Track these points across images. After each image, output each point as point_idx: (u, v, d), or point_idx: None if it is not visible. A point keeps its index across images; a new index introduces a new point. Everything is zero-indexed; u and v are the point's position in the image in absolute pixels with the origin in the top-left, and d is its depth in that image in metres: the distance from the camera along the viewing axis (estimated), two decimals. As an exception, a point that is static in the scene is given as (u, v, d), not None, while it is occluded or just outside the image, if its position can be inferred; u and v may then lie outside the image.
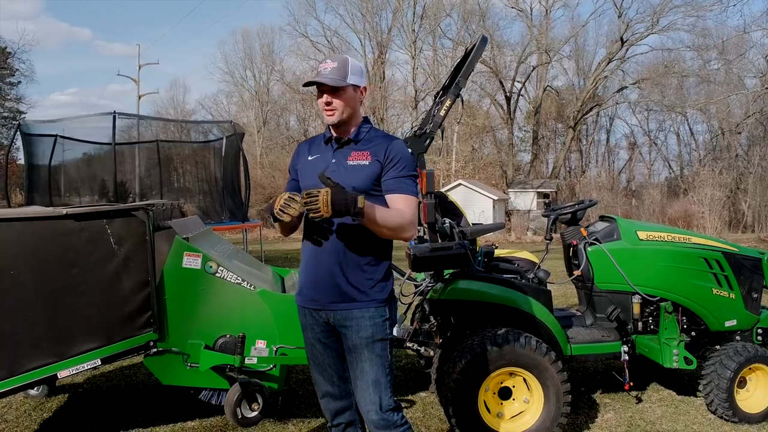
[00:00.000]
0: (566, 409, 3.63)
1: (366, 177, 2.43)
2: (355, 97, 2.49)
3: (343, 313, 2.45)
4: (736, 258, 4.32)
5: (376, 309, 2.46)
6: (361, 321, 2.44)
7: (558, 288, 7.41)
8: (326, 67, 2.45)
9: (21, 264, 3.42)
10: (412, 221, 2.41)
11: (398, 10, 38.33)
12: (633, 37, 35.33)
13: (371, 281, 2.46)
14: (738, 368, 3.99)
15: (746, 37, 33.21)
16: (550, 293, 4.11)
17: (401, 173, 2.44)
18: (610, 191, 33.76)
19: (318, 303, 2.50)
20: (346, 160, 2.47)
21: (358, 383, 2.48)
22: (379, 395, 2.45)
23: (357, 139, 2.51)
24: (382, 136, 2.54)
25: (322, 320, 2.52)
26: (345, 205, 2.17)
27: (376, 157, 2.45)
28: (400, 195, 2.42)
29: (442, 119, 4.32)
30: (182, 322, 3.70)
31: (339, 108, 2.45)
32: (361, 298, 2.44)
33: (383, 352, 2.47)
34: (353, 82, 2.45)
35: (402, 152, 2.47)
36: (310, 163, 2.57)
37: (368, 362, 2.45)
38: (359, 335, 2.44)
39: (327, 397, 2.63)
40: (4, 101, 35.68)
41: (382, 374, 2.46)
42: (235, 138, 12.94)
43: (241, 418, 3.77)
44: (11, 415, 4.25)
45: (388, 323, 2.49)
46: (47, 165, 11.72)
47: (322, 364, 2.59)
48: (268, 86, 46.00)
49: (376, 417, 2.45)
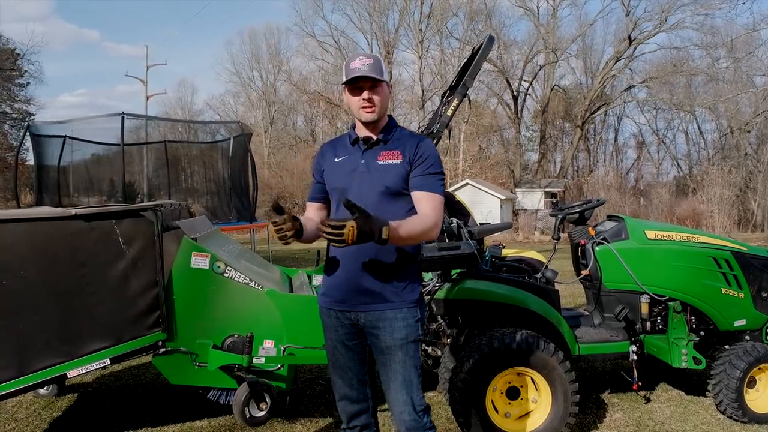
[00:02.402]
0: (574, 409, 3.62)
1: (397, 176, 2.43)
2: (388, 94, 2.52)
3: (375, 314, 2.44)
4: (745, 257, 4.29)
5: (409, 310, 2.45)
6: (395, 322, 2.43)
7: (566, 288, 7.40)
8: (363, 63, 2.42)
9: (30, 264, 3.44)
10: (436, 222, 2.40)
11: (405, 10, 38.32)
12: (641, 35, 35.21)
13: (403, 282, 2.46)
14: (747, 368, 3.97)
15: (755, 35, 33.12)
16: (558, 293, 4.09)
17: (428, 171, 2.44)
18: (618, 190, 33.61)
19: (347, 304, 2.48)
20: (376, 160, 2.46)
21: (391, 384, 2.47)
22: (411, 396, 2.46)
23: (386, 139, 2.50)
24: (409, 135, 2.54)
25: (348, 322, 2.51)
26: (370, 235, 2.14)
27: (405, 155, 2.45)
28: (425, 193, 2.43)
29: (449, 119, 4.31)
30: (190, 321, 3.71)
31: (378, 104, 2.45)
32: (393, 299, 2.43)
33: (416, 353, 2.47)
34: (386, 79, 2.48)
35: (430, 150, 2.48)
36: (337, 164, 2.54)
37: (401, 363, 2.45)
38: (393, 336, 2.43)
39: (345, 399, 2.61)
40: (13, 102, 35.86)
41: (414, 375, 2.47)
42: (243, 138, 12.98)
43: (249, 418, 3.78)
44: (21, 414, 4.28)
45: (420, 324, 2.49)
46: (56, 166, 11.81)
47: (343, 366, 2.57)
48: (275, 86, 46.14)
49: (409, 418, 2.46)
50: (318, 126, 45.44)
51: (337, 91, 41.96)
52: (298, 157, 38.20)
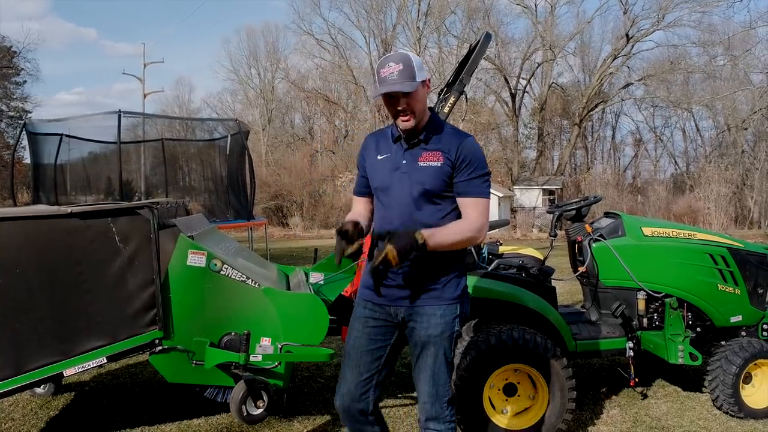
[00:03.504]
0: (571, 406, 3.62)
1: (437, 178, 2.43)
2: (425, 95, 2.47)
3: (415, 309, 2.48)
4: (741, 254, 4.30)
5: (448, 306, 2.48)
6: (432, 318, 2.46)
7: (563, 285, 7.40)
8: (392, 71, 2.35)
9: (26, 262, 3.44)
10: (480, 227, 2.43)
11: (403, 8, 38.29)
12: (638, 33, 35.21)
13: (444, 278, 2.48)
14: (743, 364, 3.98)
15: (752, 32, 33.04)
16: (555, 290, 4.10)
17: (472, 175, 2.44)
18: (615, 188, 33.65)
19: (387, 299, 2.51)
20: (417, 161, 2.45)
21: (420, 375, 2.52)
22: (437, 389, 2.49)
23: (427, 138, 2.47)
24: (451, 133, 2.50)
25: (383, 316, 2.54)
26: (410, 248, 2.23)
27: (447, 157, 2.43)
28: (470, 198, 2.44)
29: (446, 116, 4.30)
30: (187, 319, 3.71)
31: (415, 111, 2.40)
32: (434, 296, 2.47)
33: (449, 348, 2.51)
34: (421, 79, 2.40)
35: (474, 151, 2.45)
36: (379, 162, 2.55)
37: (432, 357, 2.49)
38: (428, 332, 2.47)
39: (347, 396, 2.58)
40: (9, 101, 35.77)
41: (444, 369, 2.50)
42: (240, 136, 12.97)
43: (247, 416, 3.78)
44: (18, 413, 4.27)
45: (458, 320, 2.52)
46: (53, 164, 11.79)
47: (358, 361, 2.56)
48: (272, 84, 46.03)
49: (431, 408, 2.51)
50: (316, 124, 45.41)
51: (334, 89, 41.96)
52: (296, 155, 38.16)
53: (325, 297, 4.32)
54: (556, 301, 4.05)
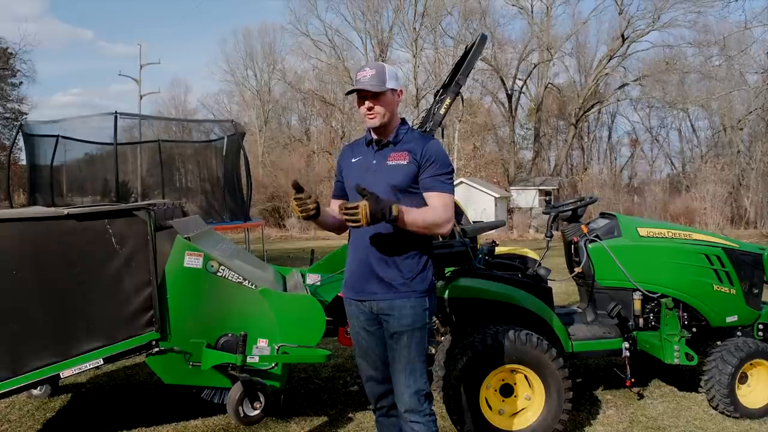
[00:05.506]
0: (568, 406, 3.63)
1: (405, 176, 2.63)
2: (393, 101, 2.69)
3: (387, 303, 2.64)
4: (736, 254, 4.32)
5: (417, 299, 2.64)
6: (403, 310, 2.62)
7: (559, 285, 7.37)
8: (365, 75, 2.64)
9: (23, 264, 3.43)
10: (445, 218, 2.58)
11: (399, 9, 38.32)
12: (634, 33, 35.34)
13: (412, 273, 2.65)
14: (739, 364, 3.99)
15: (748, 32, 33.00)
16: (551, 290, 4.11)
17: (437, 172, 2.62)
18: (612, 188, 33.70)
19: (362, 294, 2.70)
20: (386, 160, 2.68)
21: (396, 366, 2.67)
22: (413, 380, 2.64)
23: (395, 141, 2.71)
24: (418, 137, 2.73)
25: (366, 310, 2.72)
26: (381, 214, 2.37)
27: (413, 157, 2.63)
28: (435, 193, 2.62)
29: (442, 117, 4.31)
30: (184, 321, 3.70)
31: (380, 112, 2.65)
32: (402, 289, 2.63)
33: (421, 340, 2.66)
34: (391, 86, 2.65)
35: (437, 152, 2.66)
36: (354, 164, 2.80)
37: (406, 348, 2.64)
38: (401, 323, 2.63)
39: (371, 381, 2.83)
40: (5, 102, 35.65)
41: (418, 361, 2.66)
42: (237, 137, 12.96)
43: (244, 417, 3.77)
44: (14, 415, 4.27)
45: (428, 313, 2.68)
46: (49, 165, 11.75)
47: (366, 350, 2.79)
48: (269, 85, 46.04)
49: (408, 399, 2.64)
50: (312, 125, 45.45)
51: (331, 90, 41.95)
52: (293, 156, 38.15)
53: (321, 298, 4.30)
54: (552, 302, 4.05)
